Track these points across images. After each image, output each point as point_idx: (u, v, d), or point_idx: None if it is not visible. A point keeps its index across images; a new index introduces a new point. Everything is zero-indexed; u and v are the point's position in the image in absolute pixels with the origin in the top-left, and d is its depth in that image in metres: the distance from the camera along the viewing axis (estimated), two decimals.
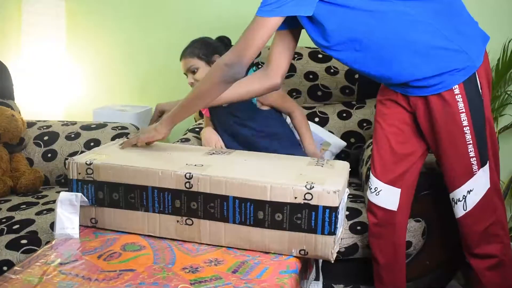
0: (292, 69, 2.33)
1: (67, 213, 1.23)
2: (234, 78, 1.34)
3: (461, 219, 1.46)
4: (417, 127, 1.49)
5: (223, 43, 1.98)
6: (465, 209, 1.43)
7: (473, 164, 1.40)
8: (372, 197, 1.56)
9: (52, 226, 1.50)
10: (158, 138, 1.43)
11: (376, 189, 1.55)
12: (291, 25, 1.43)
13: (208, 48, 1.91)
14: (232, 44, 1.83)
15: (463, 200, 1.43)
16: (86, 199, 1.25)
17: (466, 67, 1.35)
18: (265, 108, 1.93)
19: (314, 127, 2.14)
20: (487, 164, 1.41)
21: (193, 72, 1.89)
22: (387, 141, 1.53)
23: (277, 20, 1.30)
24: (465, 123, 1.37)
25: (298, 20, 1.39)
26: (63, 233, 1.22)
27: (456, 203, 1.45)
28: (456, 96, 1.36)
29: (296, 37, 1.50)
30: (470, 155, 1.39)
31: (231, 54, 1.33)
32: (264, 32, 1.30)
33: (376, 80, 1.48)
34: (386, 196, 1.54)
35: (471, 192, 1.42)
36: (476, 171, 1.40)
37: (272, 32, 1.33)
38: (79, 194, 1.24)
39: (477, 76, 1.37)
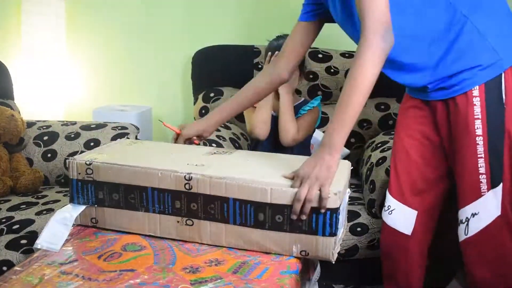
0: None
1: (57, 229, 1.22)
2: (389, 50, 1.12)
3: (462, 245, 1.31)
4: (442, 140, 1.34)
5: None
6: (466, 233, 1.27)
7: (481, 182, 1.22)
8: (384, 216, 1.43)
9: None
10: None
11: (389, 207, 1.41)
12: (321, 15, 1.39)
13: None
14: None
15: (466, 223, 1.26)
16: (77, 220, 1.26)
17: (491, 64, 1.20)
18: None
19: (318, 134, 2.15)
20: (500, 186, 1.22)
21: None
22: (406, 155, 1.39)
23: None
24: (478, 131, 1.20)
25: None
26: (44, 246, 1.17)
27: (459, 225, 1.29)
28: (473, 99, 1.21)
29: (317, 31, 1.44)
30: (480, 171, 1.22)
31: (377, 23, 1.10)
32: None
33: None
34: (399, 216, 1.40)
35: (476, 215, 1.24)
36: (484, 192, 1.22)
37: None
38: (74, 216, 1.24)
39: (503, 79, 1.20)
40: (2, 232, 1.53)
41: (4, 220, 1.60)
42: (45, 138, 2.07)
